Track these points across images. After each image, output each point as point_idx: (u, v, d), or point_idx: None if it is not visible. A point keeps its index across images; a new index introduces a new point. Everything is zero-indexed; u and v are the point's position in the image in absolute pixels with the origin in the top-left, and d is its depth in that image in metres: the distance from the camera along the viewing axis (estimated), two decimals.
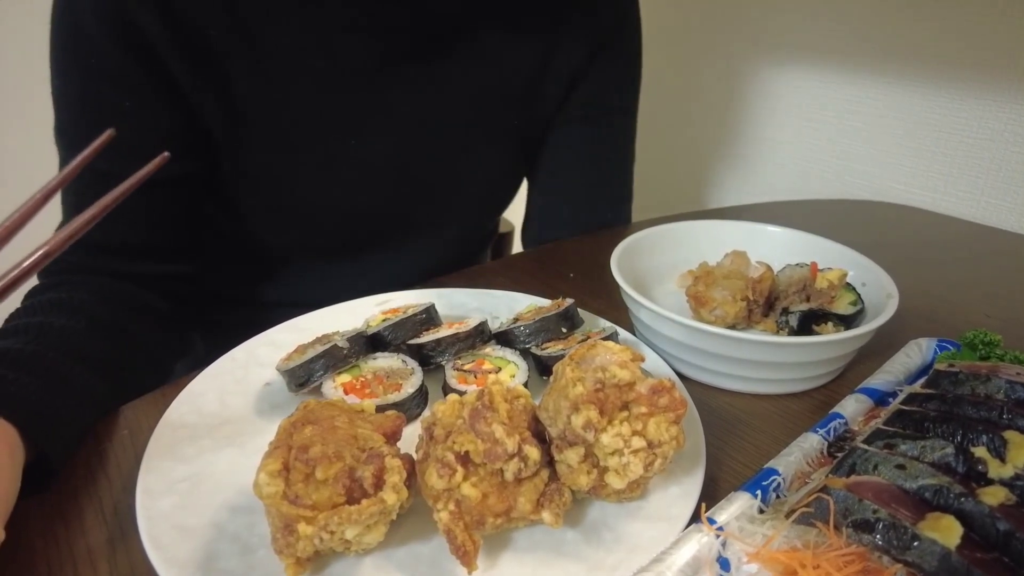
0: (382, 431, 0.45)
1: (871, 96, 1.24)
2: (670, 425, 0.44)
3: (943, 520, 0.39)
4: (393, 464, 0.41)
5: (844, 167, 1.32)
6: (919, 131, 1.19)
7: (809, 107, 1.34)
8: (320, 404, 0.46)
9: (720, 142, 1.54)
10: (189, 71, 0.67)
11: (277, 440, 0.43)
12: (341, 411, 0.46)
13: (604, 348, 0.46)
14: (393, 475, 0.41)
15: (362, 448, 0.43)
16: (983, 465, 0.43)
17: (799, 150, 1.39)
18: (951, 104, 1.13)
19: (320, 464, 0.40)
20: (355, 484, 0.41)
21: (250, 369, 0.62)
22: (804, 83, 1.34)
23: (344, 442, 0.42)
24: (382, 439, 0.44)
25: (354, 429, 0.44)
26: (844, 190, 1.33)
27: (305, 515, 0.39)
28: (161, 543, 0.43)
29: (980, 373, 0.52)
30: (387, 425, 0.46)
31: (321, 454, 0.40)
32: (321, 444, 0.41)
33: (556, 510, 0.43)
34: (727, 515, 0.43)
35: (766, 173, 1.46)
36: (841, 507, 0.41)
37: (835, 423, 0.53)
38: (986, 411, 0.48)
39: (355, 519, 0.39)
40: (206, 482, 0.49)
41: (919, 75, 1.16)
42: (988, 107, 1.09)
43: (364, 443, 0.43)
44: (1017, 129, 1.06)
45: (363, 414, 0.47)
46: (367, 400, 0.53)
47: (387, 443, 0.44)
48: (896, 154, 1.23)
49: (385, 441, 0.44)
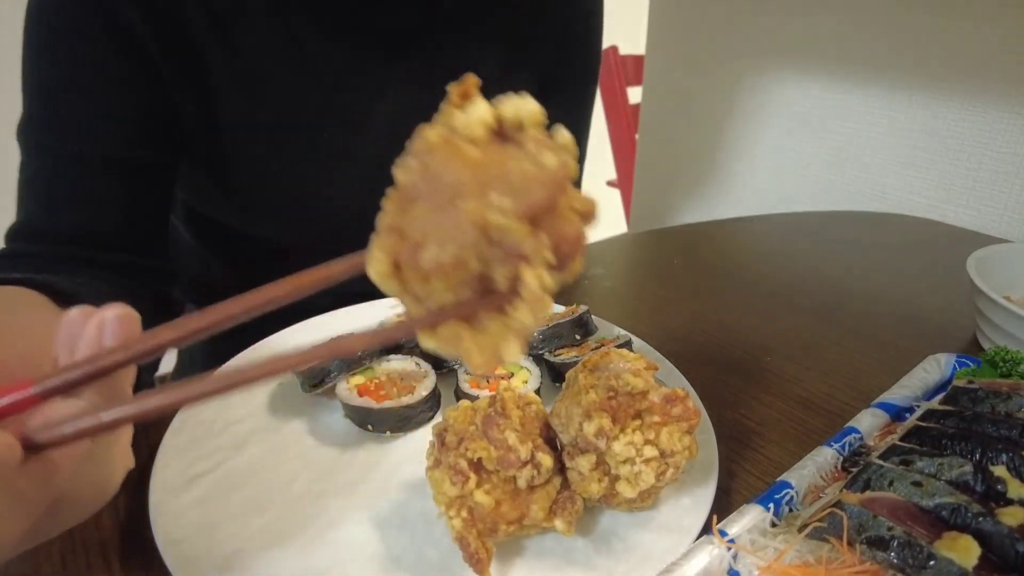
0: (526, 207, 0.30)
1: (885, 105, 1.23)
2: (683, 435, 0.44)
3: (960, 540, 0.38)
4: (531, 276, 0.30)
5: (865, 178, 1.31)
6: (939, 142, 1.18)
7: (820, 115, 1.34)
8: (439, 148, 0.31)
9: (729, 149, 1.53)
10: (169, 62, 0.68)
11: (387, 217, 0.32)
12: (468, 170, 0.30)
13: (618, 356, 0.46)
14: (529, 283, 0.30)
15: (494, 242, 0.30)
16: (1002, 485, 0.43)
17: (817, 158, 1.38)
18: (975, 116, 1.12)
19: (435, 275, 0.30)
20: (487, 286, 0.31)
21: None
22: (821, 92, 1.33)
23: (467, 235, 0.30)
24: (525, 226, 0.30)
25: (483, 213, 0.29)
26: (864, 201, 1.32)
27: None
28: (175, 539, 0.43)
29: (1000, 391, 0.51)
30: (535, 196, 0.30)
31: (435, 263, 0.30)
32: (436, 243, 0.30)
33: (568, 518, 0.43)
34: (739, 528, 0.43)
35: (784, 181, 1.46)
36: (855, 523, 0.40)
37: (850, 437, 0.53)
38: (1006, 429, 0.47)
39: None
40: (222, 479, 0.49)
41: (934, 85, 1.15)
42: (1005, 118, 1.08)
43: (498, 235, 0.30)
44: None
45: (503, 168, 0.31)
46: None
47: (531, 229, 0.30)
48: (914, 166, 1.22)
49: (529, 229, 0.30)
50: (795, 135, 1.40)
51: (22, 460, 0.29)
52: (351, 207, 0.85)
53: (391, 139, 0.81)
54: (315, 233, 0.85)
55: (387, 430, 0.55)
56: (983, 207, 1.15)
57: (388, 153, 0.90)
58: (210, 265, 0.91)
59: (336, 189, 0.81)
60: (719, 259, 1.03)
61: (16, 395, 0.31)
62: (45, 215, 0.65)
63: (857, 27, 1.24)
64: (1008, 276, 0.75)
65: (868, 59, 1.24)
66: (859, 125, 1.29)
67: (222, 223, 0.84)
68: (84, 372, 0.32)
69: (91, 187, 0.66)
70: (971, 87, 1.12)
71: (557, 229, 0.31)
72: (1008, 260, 0.77)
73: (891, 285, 0.93)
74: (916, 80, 1.18)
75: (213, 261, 0.90)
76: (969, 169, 1.15)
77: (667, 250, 1.06)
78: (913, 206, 1.24)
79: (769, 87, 1.42)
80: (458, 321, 0.32)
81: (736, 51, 1.47)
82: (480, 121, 0.31)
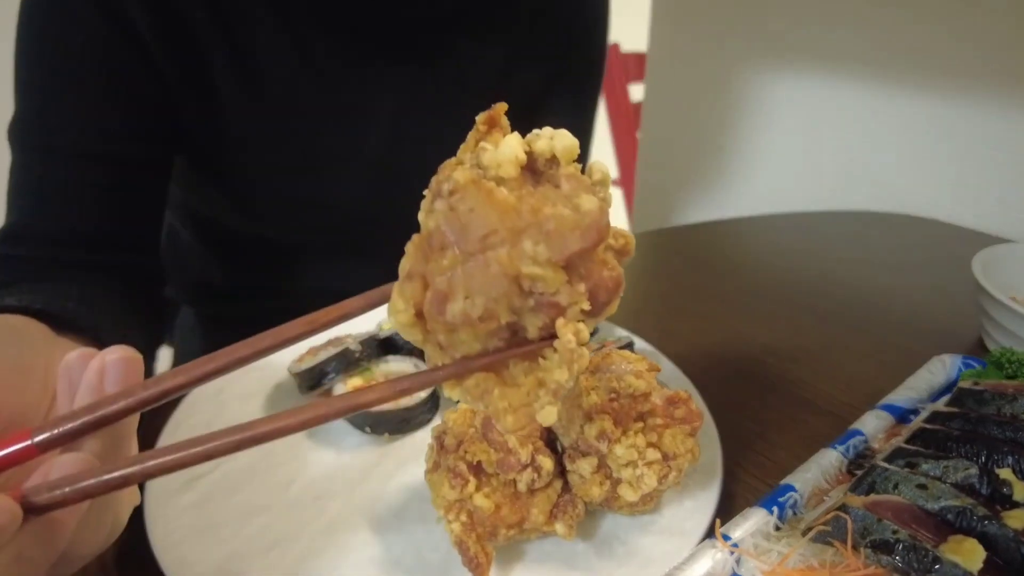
0: (562, 257, 0.28)
1: (891, 104, 1.22)
2: (686, 437, 0.43)
3: (966, 543, 0.38)
4: (566, 330, 0.28)
5: (869, 177, 1.30)
6: (944, 141, 1.17)
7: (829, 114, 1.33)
8: (471, 194, 0.27)
9: (731, 147, 1.53)
10: (171, 61, 0.67)
11: (410, 263, 0.30)
12: (499, 214, 0.27)
13: (620, 357, 0.46)
14: (565, 338, 0.28)
15: (527, 292, 0.28)
16: (1008, 487, 0.42)
17: (821, 157, 1.37)
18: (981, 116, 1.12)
19: (463, 328, 0.29)
20: (517, 335, 0.30)
21: (261, 370, 0.62)
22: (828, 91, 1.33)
23: (498, 287, 0.28)
24: (560, 275, 0.28)
25: (516, 263, 0.27)
26: (868, 201, 1.31)
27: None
28: (171, 542, 0.43)
29: (1007, 392, 0.51)
30: (572, 245, 0.27)
31: (463, 315, 0.28)
32: (465, 295, 0.28)
33: (569, 522, 0.43)
34: (742, 531, 0.42)
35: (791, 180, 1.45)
36: (859, 526, 0.40)
37: (855, 440, 0.52)
38: (1012, 431, 0.47)
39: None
40: (219, 481, 0.49)
41: (940, 84, 1.15)
42: (1011, 117, 1.07)
43: (531, 284, 0.28)
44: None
45: (537, 213, 0.28)
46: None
47: (569, 278, 0.28)
48: (919, 165, 1.22)
49: (566, 277, 0.28)
50: (798, 134, 1.40)
51: (23, 523, 0.27)
52: (353, 207, 0.84)
53: (393, 139, 0.81)
54: (316, 233, 0.85)
55: (386, 432, 0.54)
56: (988, 207, 1.14)
57: (390, 153, 0.89)
58: (209, 265, 0.91)
59: (337, 189, 0.81)
60: (721, 259, 1.02)
61: (14, 447, 0.29)
62: (36, 217, 0.64)
63: (861, 25, 1.24)
64: (1014, 277, 0.75)
65: (873, 57, 1.23)
66: (863, 123, 1.28)
67: (222, 223, 0.83)
68: (85, 421, 0.30)
69: (83, 187, 0.65)
70: (976, 86, 1.11)
71: (594, 275, 0.29)
72: (1014, 260, 0.77)
73: (896, 286, 0.92)
74: (922, 79, 1.18)
75: (212, 261, 0.90)
76: (974, 169, 1.14)
77: (669, 250, 1.06)
78: (918, 206, 1.23)
79: (772, 85, 1.42)
80: (486, 373, 0.30)
81: (738, 49, 1.46)
82: (512, 159, 0.28)
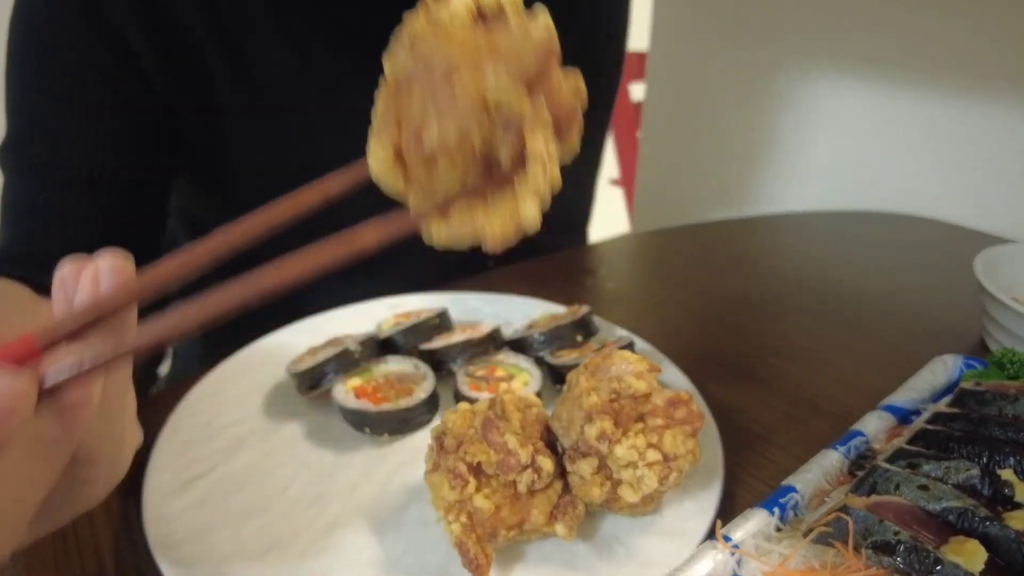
0: (520, 74, 0.30)
1: (893, 104, 1.22)
2: (686, 438, 0.43)
3: (967, 544, 0.38)
4: (534, 138, 0.30)
5: (880, 179, 1.30)
6: (946, 141, 1.17)
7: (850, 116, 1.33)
8: (430, 38, 0.30)
9: (733, 147, 1.52)
10: (168, 74, 0.66)
11: (381, 111, 0.32)
12: (459, 48, 0.30)
13: (620, 358, 0.45)
14: (534, 145, 0.30)
15: (493, 116, 0.30)
16: (1010, 488, 0.42)
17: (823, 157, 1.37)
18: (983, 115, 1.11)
19: (441, 155, 0.30)
20: (492, 172, 0.31)
21: (260, 370, 0.62)
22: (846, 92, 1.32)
23: (467, 107, 0.29)
24: (523, 94, 0.30)
25: (480, 88, 0.29)
26: (870, 201, 1.31)
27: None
28: (169, 543, 0.43)
29: (1008, 393, 0.50)
30: (528, 62, 0.30)
31: (439, 141, 0.29)
32: (438, 121, 0.29)
33: (570, 523, 0.43)
34: (743, 532, 0.42)
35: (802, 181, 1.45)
36: (861, 527, 0.40)
37: (856, 441, 0.52)
38: (1014, 432, 0.46)
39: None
40: (218, 482, 0.49)
41: (942, 84, 1.15)
42: (1012, 117, 1.07)
43: (497, 106, 0.30)
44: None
45: (492, 44, 0.30)
46: None
47: (529, 94, 0.30)
48: (921, 164, 1.21)
49: (525, 92, 0.30)
50: (800, 133, 1.39)
51: (38, 402, 0.27)
52: (355, 216, 0.84)
53: None
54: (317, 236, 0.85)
55: (385, 433, 0.54)
56: (990, 207, 1.14)
57: None
58: (209, 273, 0.90)
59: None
60: (723, 259, 1.02)
61: (19, 347, 0.29)
62: (28, 239, 0.64)
63: (865, 24, 1.23)
64: (1016, 277, 0.75)
65: (876, 57, 1.23)
66: (866, 124, 1.28)
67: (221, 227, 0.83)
68: (84, 321, 0.30)
69: (77, 208, 0.64)
70: (977, 86, 1.11)
71: (552, 98, 0.31)
72: (1016, 261, 0.76)
73: (897, 286, 0.92)
74: (925, 79, 1.17)
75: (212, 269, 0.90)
76: (976, 168, 1.14)
77: (670, 250, 1.06)
78: (919, 206, 1.23)
79: (774, 84, 1.41)
80: (469, 200, 0.31)
81: (740, 48, 1.46)
82: (464, 9, 0.30)
